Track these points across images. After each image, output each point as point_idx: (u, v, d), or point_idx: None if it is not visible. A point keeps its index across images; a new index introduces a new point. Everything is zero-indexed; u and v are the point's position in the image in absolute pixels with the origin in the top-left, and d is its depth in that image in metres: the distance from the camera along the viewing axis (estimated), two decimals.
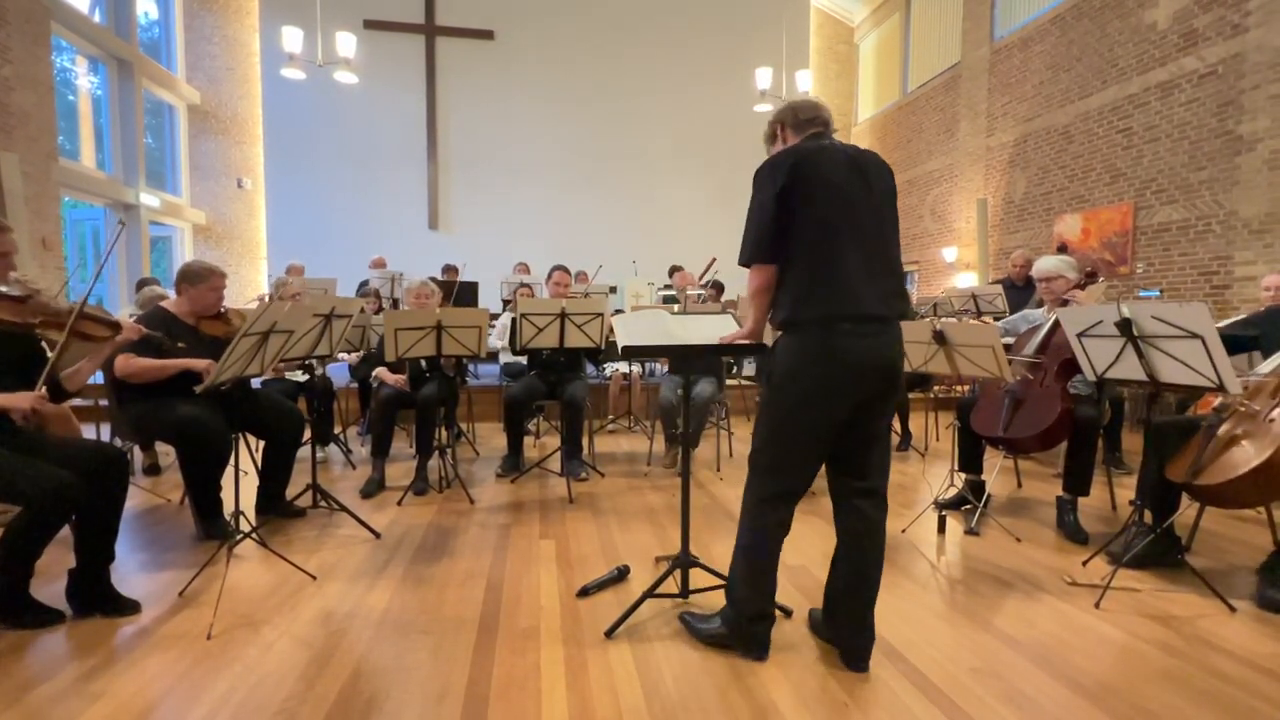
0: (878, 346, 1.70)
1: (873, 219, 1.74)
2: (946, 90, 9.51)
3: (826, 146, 1.75)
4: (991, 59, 8.58)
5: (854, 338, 1.67)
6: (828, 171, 1.69)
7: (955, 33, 9.39)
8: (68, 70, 8.31)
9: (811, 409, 1.70)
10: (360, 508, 3.12)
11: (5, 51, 6.57)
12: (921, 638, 1.95)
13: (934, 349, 2.98)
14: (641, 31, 10.78)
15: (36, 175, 6.91)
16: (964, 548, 2.73)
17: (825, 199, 1.68)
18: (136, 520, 2.98)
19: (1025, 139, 7.99)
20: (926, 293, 9.63)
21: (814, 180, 1.68)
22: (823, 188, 1.68)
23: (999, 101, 8.46)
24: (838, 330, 1.67)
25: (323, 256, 8.99)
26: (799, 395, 1.71)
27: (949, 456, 3.27)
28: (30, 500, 1.86)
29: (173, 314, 2.79)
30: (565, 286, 4.17)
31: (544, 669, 1.76)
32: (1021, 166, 8.06)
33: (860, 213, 1.71)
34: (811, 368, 1.69)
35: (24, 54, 6.80)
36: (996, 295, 5.16)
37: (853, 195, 1.71)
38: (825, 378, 1.68)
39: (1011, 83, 8.23)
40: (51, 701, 1.59)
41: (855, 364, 1.68)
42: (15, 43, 6.69)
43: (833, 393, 1.69)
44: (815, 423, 1.71)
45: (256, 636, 1.91)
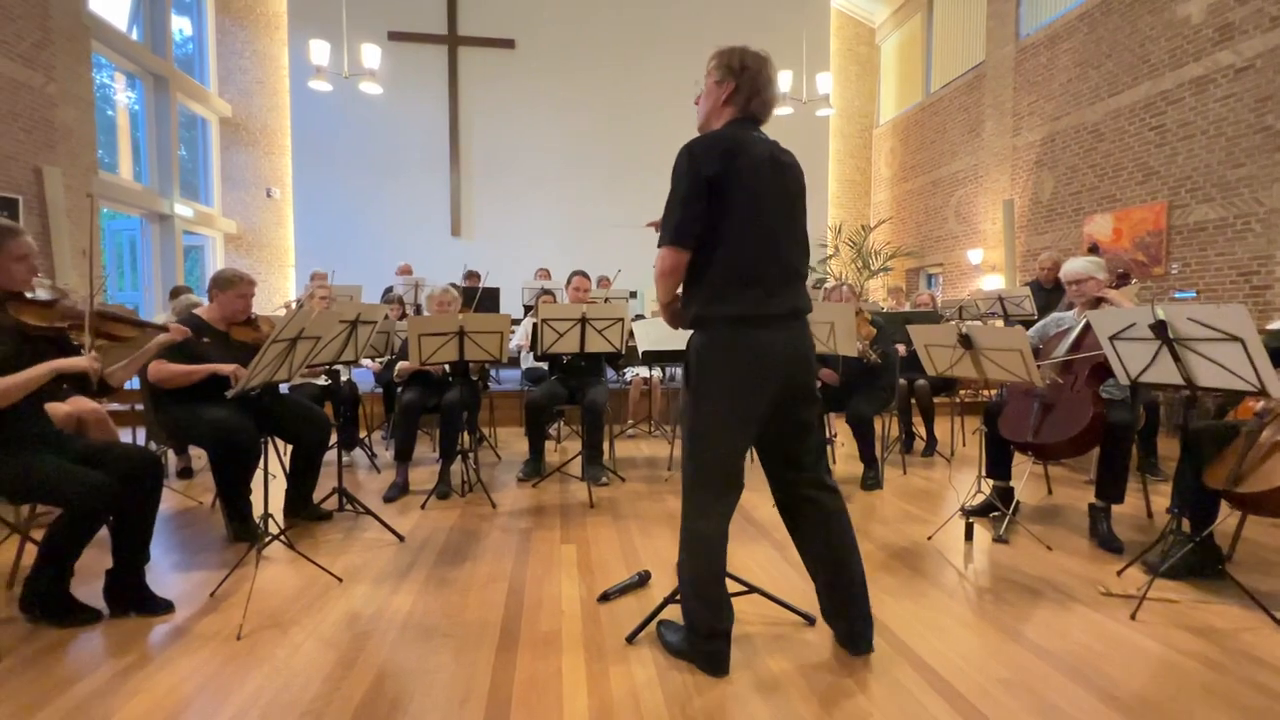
0: (792, 341, 1.72)
1: (789, 217, 1.75)
2: (970, 90, 9.37)
3: (754, 138, 1.72)
4: (1017, 57, 8.43)
5: (769, 333, 1.68)
6: (756, 166, 1.68)
7: (979, 32, 9.25)
8: (107, 86, 8.62)
9: (733, 405, 1.70)
10: (385, 511, 3.17)
11: (50, 70, 6.84)
12: (949, 647, 1.91)
13: (960, 353, 2.93)
14: (661, 38, 10.82)
15: (77, 187, 7.17)
16: (992, 556, 2.67)
17: (750, 193, 1.67)
18: (170, 522, 3.06)
19: (1053, 138, 7.83)
20: (951, 295, 9.47)
21: (744, 173, 1.66)
22: (750, 182, 1.66)
23: (1025, 100, 8.31)
24: (752, 327, 1.67)
25: (348, 263, 9.16)
26: (720, 392, 1.70)
27: (975, 462, 3.20)
28: (70, 502, 1.92)
29: (205, 320, 2.87)
30: (585, 291, 4.19)
31: (565, 674, 1.76)
32: (1049, 166, 7.90)
33: (779, 210, 1.72)
34: (730, 364, 1.68)
35: (67, 72, 7.07)
36: (1024, 298, 5.05)
37: (774, 192, 1.71)
38: (744, 373, 1.68)
39: (1038, 81, 8.08)
40: (90, 697, 1.64)
41: (771, 358, 1.68)
42: (59, 61, 6.96)
43: (752, 387, 1.69)
44: (739, 419, 1.70)
45: (284, 637, 1.94)
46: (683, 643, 1.82)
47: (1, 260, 1.95)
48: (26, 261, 2.02)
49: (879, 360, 3.64)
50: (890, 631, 2.00)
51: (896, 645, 1.92)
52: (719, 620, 1.76)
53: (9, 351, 1.92)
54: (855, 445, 3.76)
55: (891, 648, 1.90)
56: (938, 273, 10.49)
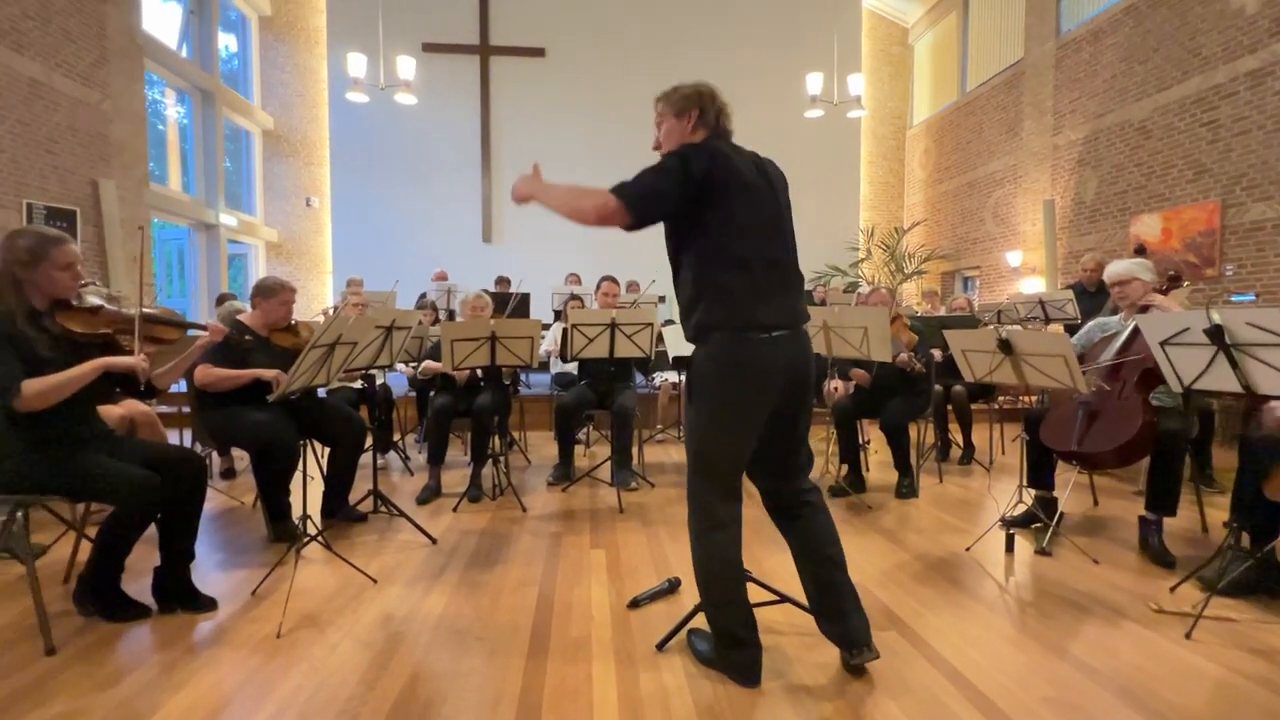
0: (792, 352, 1.71)
1: (779, 226, 1.75)
2: (1009, 88, 9.14)
3: (738, 149, 1.75)
4: (1058, 54, 8.19)
5: (768, 345, 1.67)
6: (745, 175, 1.70)
7: (1017, 28, 9.02)
8: (158, 102, 9.01)
9: (735, 415, 1.69)
10: (418, 514, 3.22)
11: (105, 87, 7.18)
12: (989, 663, 1.84)
13: (999, 358, 2.84)
14: (690, 42, 10.82)
15: (130, 199, 7.50)
16: (1035, 569, 2.58)
17: (744, 202, 1.68)
18: (213, 521, 3.16)
19: (1096, 136, 7.58)
20: (988, 299, 9.22)
21: (733, 179, 1.67)
22: (740, 189, 1.68)
23: (1066, 98, 8.06)
24: (752, 338, 1.67)
25: (383, 270, 9.36)
26: (722, 403, 1.70)
27: (1016, 471, 3.10)
28: (122, 500, 2.00)
29: (248, 326, 2.96)
30: (614, 297, 4.20)
31: (596, 680, 1.75)
32: (1093, 165, 7.65)
33: (770, 219, 1.73)
34: (731, 375, 1.67)
35: (121, 89, 7.41)
36: (1067, 301, 4.89)
37: (764, 200, 1.72)
38: (744, 384, 1.67)
39: (1080, 78, 7.83)
40: (138, 691, 1.70)
41: (772, 368, 1.68)
42: (114, 79, 7.30)
43: (753, 397, 1.68)
44: (740, 429, 1.70)
45: (322, 636, 1.99)
46: (712, 652, 1.80)
47: (46, 269, 2.00)
48: (71, 270, 2.06)
49: (923, 370, 3.56)
50: (927, 644, 1.95)
51: (934, 658, 1.86)
52: (744, 629, 1.74)
53: (59, 358, 1.99)
54: (889, 452, 3.68)
55: (929, 661, 1.85)
56: (974, 276, 10.23)
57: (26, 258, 1.97)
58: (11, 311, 1.96)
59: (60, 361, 1.99)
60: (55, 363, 1.97)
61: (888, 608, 2.20)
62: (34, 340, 1.96)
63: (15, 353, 1.91)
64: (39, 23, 6.31)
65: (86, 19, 6.91)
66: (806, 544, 1.81)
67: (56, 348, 2.01)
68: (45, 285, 2.01)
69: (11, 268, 1.96)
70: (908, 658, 1.87)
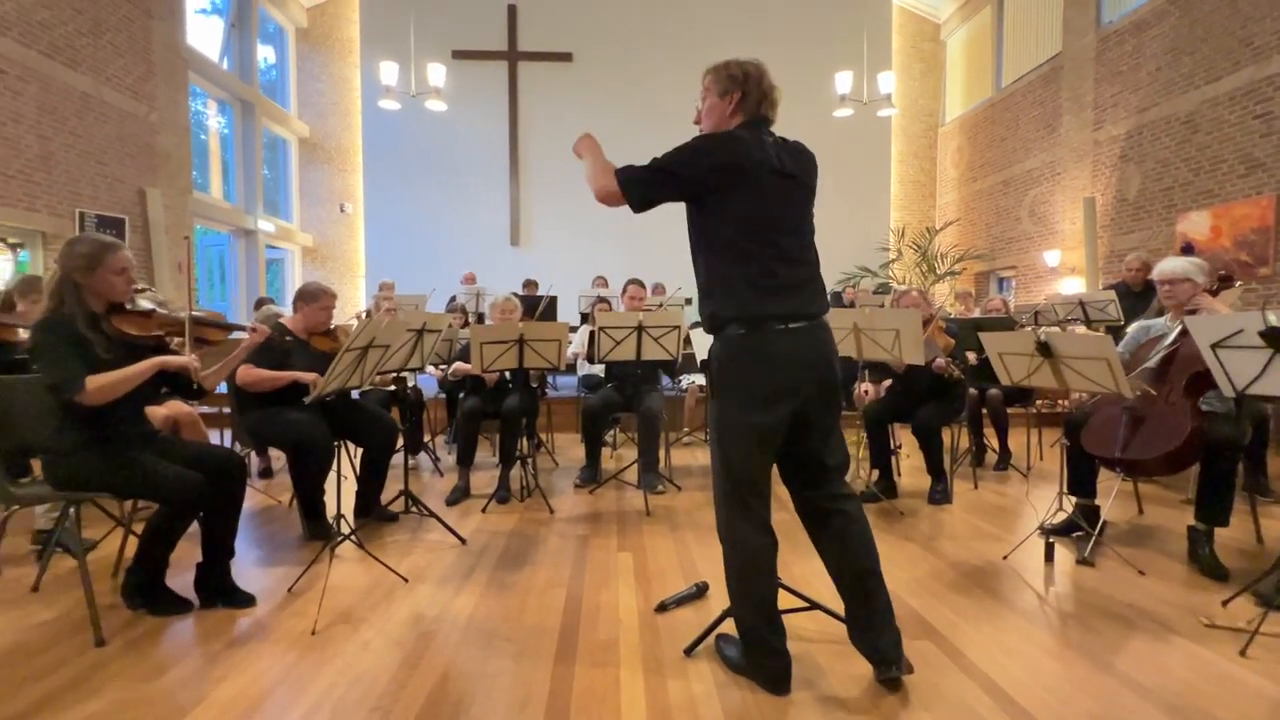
0: (812, 344, 1.68)
1: (799, 217, 1.72)
2: (1046, 83, 8.89)
3: (763, 140, 1.71)
4: (1098, 47, 7.94)
5: (785, 336, 1.65)
6: (766, 168, 1.67)
7: (1055, 21, 8.77)
8: (200, 113, 9.33)
9: (752, 410, 1.66)
10: (447, 514, 3.26)
11: (152, 100, 7.46)
12: (1030, 676, 1.79)
13: (1037, 361, 2.76)
14: (717, 43, 10.76)
15: (175, 207, 7.78)
16: (1076, 579, 2.49)
17: (758, 193, 1.66)
18: (252, 519, 3.25)
19: (1140, 131, 7.32)
20: (1025, 300, 8.97)
21: (750, 171, 1.65)
22: (757, 181, 1.66)
23: (1108, 92, 7.80)
24: (770, 330, 1.65)
25: (414, 273, 9.54)
26: (738, 398, 1.67)
27: (1055, 478, 3.00)
28: (167, 498, 2.07)
29: (289, 328, 3.05)
30: (640, 300, 4.21)
31: (623, 685, 1.75)
32: (1136, 161, 7.38)
33: (789, 211, 1.70)
34: (750, 368, 1.66)
35: (167, 101, 7.70)
36: (1109, 302, 4.72)
37: (785, 192, 1.69)
38: (764, 377, 1.65)
39: (1122, 71, 7.57)
40: (183, 683, 1.75)
41: (788, 362, 1.65)
42: (160, 92, 7.59)
43: (769, 392, 1.65)
44: (758, 424, 1.67)
45: (355, 634, 2.02)
46: (742, 658, 1.78)
47: (103, 274, 2.09)
48: (125, 275, 2.15)
49: (963, 377, 3.48)
50: (963, 655, 1.89)
51: (970, 670, 1.81)
52: (774, 636, 1.71)
53: (115, 360, 2.08)
54: (921, 457, 3.60)
55: (965, 673, 1.80)
56: (1010, 276, 9.97)
57: (84, 263, 2.07)
58: (72, 314, 2.05)
59: (116, 363, 2.07)
60: (112, 364, 2.06)
61: (921, 617, 2.15)
62: (92, 342, 2.05)
63: (77, 352, 2.00)
64: (90, 39, 6.60)
65: (134, 35, 7.19)
66: (840, 554, 1.75)
67: (113, 349, 2.09)
68: (102, 289, 2.11)
69: (71, 273, 2.06)
70: (943, 669, 1.83)
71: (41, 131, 6.04)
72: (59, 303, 2.06)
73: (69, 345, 2.00)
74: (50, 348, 1.99)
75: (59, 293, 2.06)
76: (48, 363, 1.98)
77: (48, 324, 2.03)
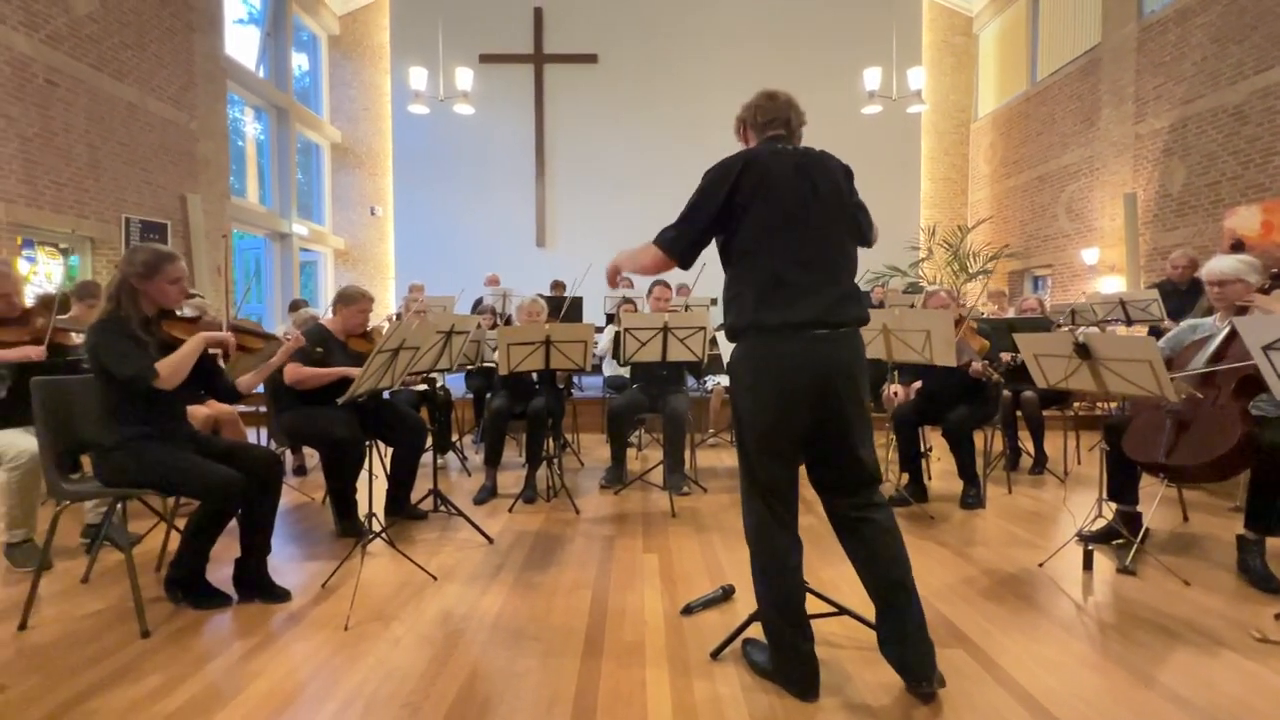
0: (829, 353, 1.66)
1: (820, 223, 1.71)
2: (1084, 76, 8.63)
3: (778, 150, 1.75)
4: (1140, 37, 7.68)
5: (798, 343, 1.65)
6: (775, 176, 1.69)
7: (1094, 12, 8.51)
8: (238, 120, 9.61)
9: (768, 417, 1.68)
10: (475, 513, 3.30)
11: (193, 109, 7.71)
12: (1066, 688, 1.73)
13: (1075, 363, 2.68)
14: (741, 41, 10.72)
15: (214, 212, 8.03)
16: (1116, 588, 2.41)
17: (771, 204, 1.68)
18: (286, 516, 3.33)
19: (1184, 123, 7.06)
20: (1061, 299, 8.72)
21: (760, 185, 1.69)
22: (769, 192, 1.68)
23: (1150, 84, 7.54)
24: (783, 337, 1.66)
25: (442, 275, 9.69)
26: (759, 404, 1.68)
27: (1094, 483, 2.90)
28: (207, 495, 2.14)
29: (328, 330, 3.14)
30: (666, 301, 4.20)
31: (650, 686, 1.75)
32: (1180, 154, 7.12)
33: (807, 218, 1.69)
34: (765, 376, 1.67)
35: (207, 110, 7.95)
36: (1151, 301, 4.56)
37: (799, 200, 1.69)
38: (778, 385, 1.66)
39: (1166, 61, 7.31)
40: (223, 675, 1.81)
41: (801, 369, 1.65)
42: (200, 101, 7.84)
43: (783, 399, 1.66)
44: (775, 431, 1.68)
45: (386, 631, 2.06)
46: (769, 663, 1.77)
47: (159, 282, 2.21)
48: (179, 284, 2.27)
49: (1002, 379, 3.40)
50: (996, 665, 1.85)
51: (1004, 680, 1.77)
52: (801, 639, 1.70)
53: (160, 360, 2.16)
54: (952, 460, 3.53)
55: (999, 683, 1.76)
56: (1045, 275, 9.71)
57: (143, 271, 2.18)
58: (127, 317, 2.15)
59: None
60: None
61: (953, 624, 2.11)
62: (146, 344, 2.15)
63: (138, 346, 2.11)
64: (136, 51, 6.85)
65: (176, 46, 7.44)
66: (870, 564, 1.72)
67: (162, 351, 2.20)
68: (156, 296, 2.22)
69: (129, 279, 2.17)
70: (976, 678, 1.79)
71: (90, 141, 6.29)
72: (116, 305, 2.16)
73: (131, 341, 2.11)
74: (113, 345, 2.09)
75: (117, 296, 2.17)
76: (117, 357, 2.08)
77: (106, 325, 2.13)
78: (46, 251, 6.45)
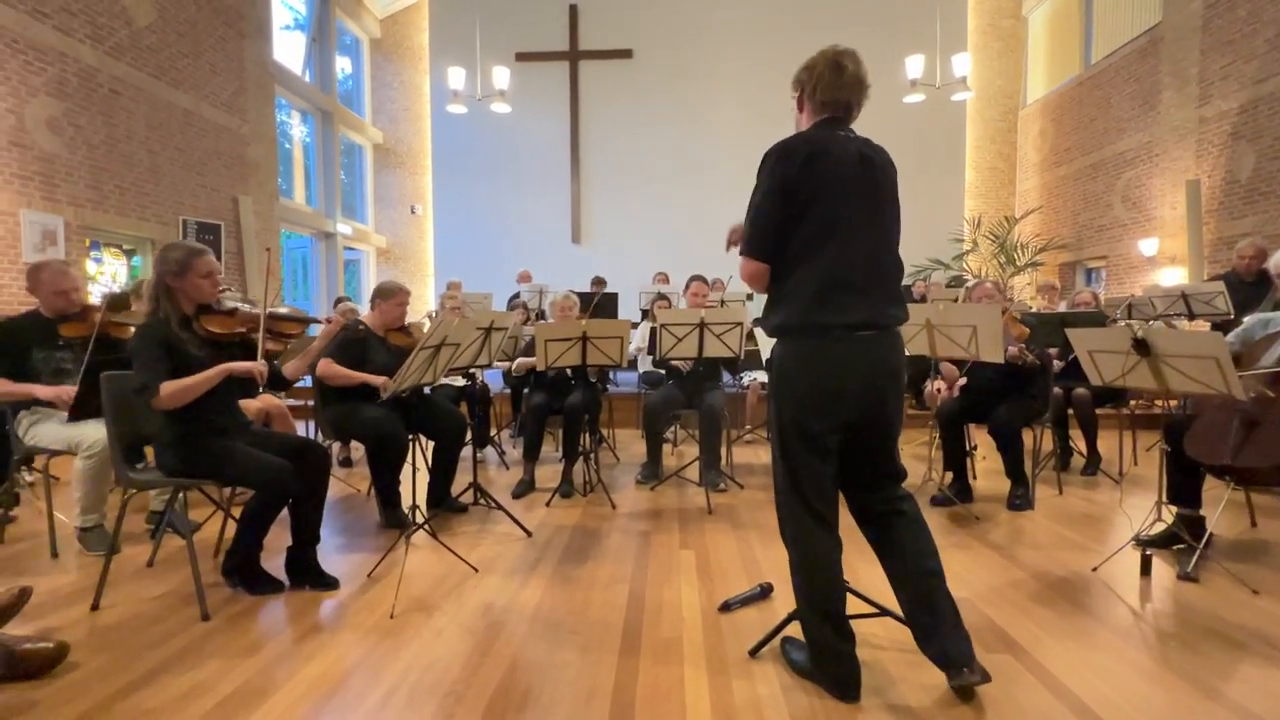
0: (878, 355, 1.63)
1: (878, 220, 1.65)
2: (1143, 57, 8.20)
3: (840, 138, 1.65)
4: (1205, 15, 7.25)
5: (846, 345, 1.61)
6: (839, 168, 1.61)
7: None
8: (285, 123, 9.94)
9: (808, 418, 1.63)
10: (513, 507, 3.35)
11: (244, 113, 8.01)
12: (1123, 697, 1.67)
13: (1133, 360, 2.56)
14: (777, 31, 10.55)
15: (263, 213, 8.33)
16: (1177, 596, 2.30)
17: (833, 199, 1.61)
18: (334, 507, 3.45)
19: (1255, 105, 6.65)
20: (1116, 292, 8.34)
21: (825, 177, 1.60)
22: (832, 186, 1.60)
23: (1215, 64, 7.12)
24: (834, 338, 1.61)
25: (480, 272, 9.85)
26: (806, 403, 1.63)
27: (1152, 485, 2.77)
28: (261, 485, 2.23)
29: (367, 325, 3.23)
30: (703, 296, 4.18)
31: (688, 683, 1.75)
32: (1249, 138, 6.71)
33: (866, 214, 1.64)
34: (803, 377, 1.63)
35: (257, 114, 8.25)
36: (1216, 294, 4.33)
37: (860, 194, 1.63)
38: (827, 384, 1.62)
39: (1234, 40, 6.89)
40: (277, 658, 1.88)
41: (853, 372, 1.61)
42: (251, 106, 8.13)
43: (825, 402, 1.62)
44: (813, 433, 1.64)
45: (429, 620, 2.12)
46: (808, 663, 1.75)
47: (191, 278, 2.27)
48: (212, 278, 2.33)
49: (1036, 362, 3.28)
50: (1046, 671, 1.79)
51: (1055, 688, 1.71)
52: (841, 640, 1.67)
53: (206, 356, 2.26)
54: (999, 459, 3.42)
55: (1049, 690, 1.70)
56: (1099, 267, 9.29)
57: (176, 268, 2.25)
58: (166, 317, 2.24)
59: (206, 359, 2.26)
60: (203, 360, 2.24)
61: (999, 628, 2.05)
62: (185, 341, 2.24)
63: (165, 356, 2.18)
64: (191, 59, 7.14)
65: (229, 54, 7.74)
66: (900, 556, 1.71)
67: (203, 347, 2.29)
68: (191, 292, 2.29)
69: (164, 277, 2.26)
70: (1024, 684, 1.73)
71: (150, 147, 6.60)
72: (156, 305, 2.25)
73: (159, 349, 2.17)
74: (141, 353, 2.17)
75: (156, 296, 2.26)
76: (139, 364, 2.17)
77: (145, 329, 2.22)
78: (111, 252, 6.81)
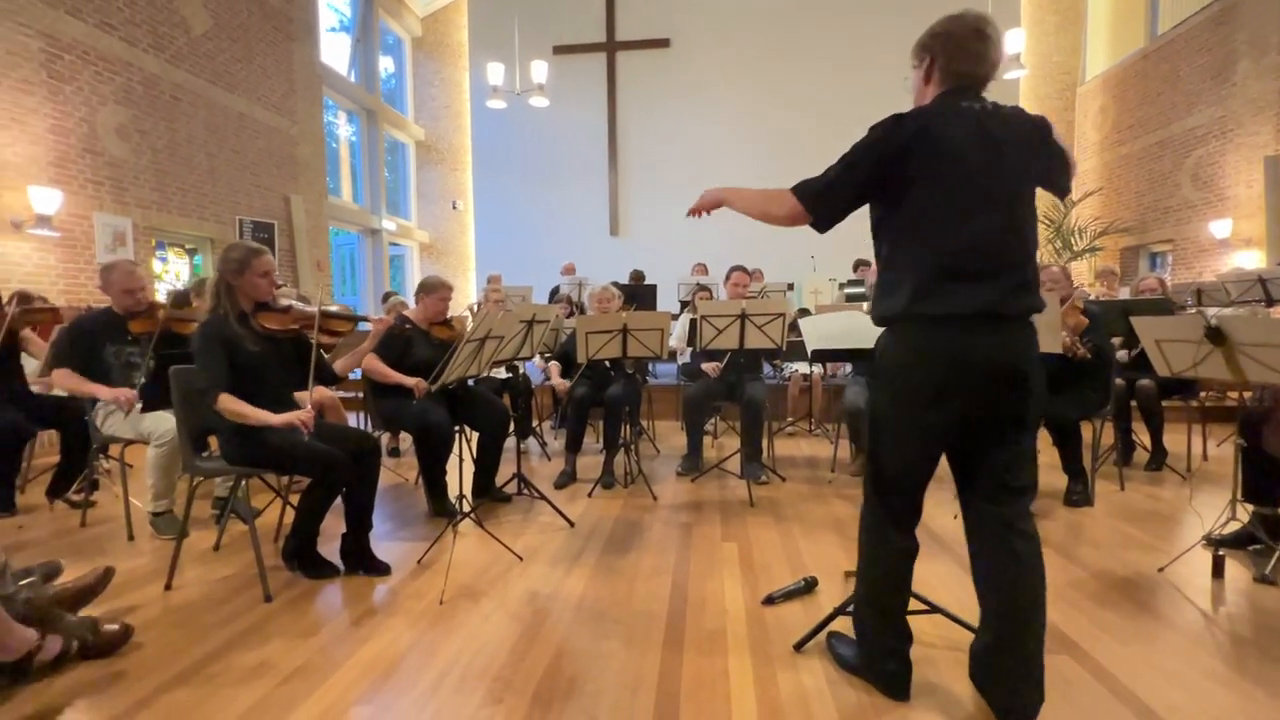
0: (993, 346, 1.46)
1: (998, 197, 1.46)
2: (1216, 26, 7.68)
3: (962, 110, 1.47)
4: None
5: (963, 336, 1.45)
6: (956, 145, 1.44)
7: None
8: (331, 123, 10.23)
9: (907, 413, 1.52)
10: (556, 497, 3.40)
11: (293, 114, 8.27)
12: (1193, 704, 1.59)
13: (1206, 349, 2.41)
14: (818, 16, 10.28)
15: (313, 211, 8.61)
16: (1252, 599, 2.17)
17: (947, 179, 1.45)
18: (384, 495, 3.56)
19: None
20: (1184, 278, 7.88)
21: (936, 156, 1.45)
22: (946, 165, 1.45)
23: None
24: (943, 328, 1.46)
25: (519, 265, 9.97)
26: (902, 399, 1.53)
27: (1225, 481, 2.61)
28: (316, 473, 2.32)
29: (410, 319, 3.31)
30: (744, 287, 4.13)
31: (732, 675, 1.75)
32: None
33: (988, 193, 1.45)
34: (914, 369, 1.50)
35: (305, 115, 8.51)
36: None
37: (981, 170, 1.45)
38: (929, 380, 1.48)
39: None
40: (335, 640, 1.96)
41: (961, 366, 1.46)
42: (300, 107, 8.40)
43: (937, 398, 1.48)
44: (911, 430, 1.53)
45: (476, 607, 2.17)
46: (857, 659, 1.72)
47: (249, 276, 2.37)
48: (269, 277, 2.43)
49: (1088, 355, 3.13)
50: (1109, 674, 1.72)
51: (1118, 691, 1.64)
52: (896, 638, 1.63)
53: (262, 351, 2.37)
54: (1054, 453, 3.28)
55: (1112, 693, 1.63)
56: (1165, 251, 8.79)
57: (236, 267, 2.35)
58: (226, 313, 2.34)
59: (264, 355, 2.36)
60: (260, 355, 2.35)
61: (1058, 628, 1.98)
62: (243, 337, 2.34)
63: (225, 356, 2.27)
64: (244, 64, 7.41)
65: (279, 57, 8.00)
66: (999, 592, 1.53)
67: (260, 343, 2.38)
68: (249, 290, 2.39)
69: (225, 276, 2.36)
70: (1085, 687, 1.67)
71: (209, 149, 6.89)
72: (217, 302, 2.36)
73: (219, 348, 2.27)
74: (203, 351, 2.27)
75: (217, 293, 2.36)
76: (201, 365, 2.27)
77: (204, 327, 2.32)
78: (175, 251, 7.16)
